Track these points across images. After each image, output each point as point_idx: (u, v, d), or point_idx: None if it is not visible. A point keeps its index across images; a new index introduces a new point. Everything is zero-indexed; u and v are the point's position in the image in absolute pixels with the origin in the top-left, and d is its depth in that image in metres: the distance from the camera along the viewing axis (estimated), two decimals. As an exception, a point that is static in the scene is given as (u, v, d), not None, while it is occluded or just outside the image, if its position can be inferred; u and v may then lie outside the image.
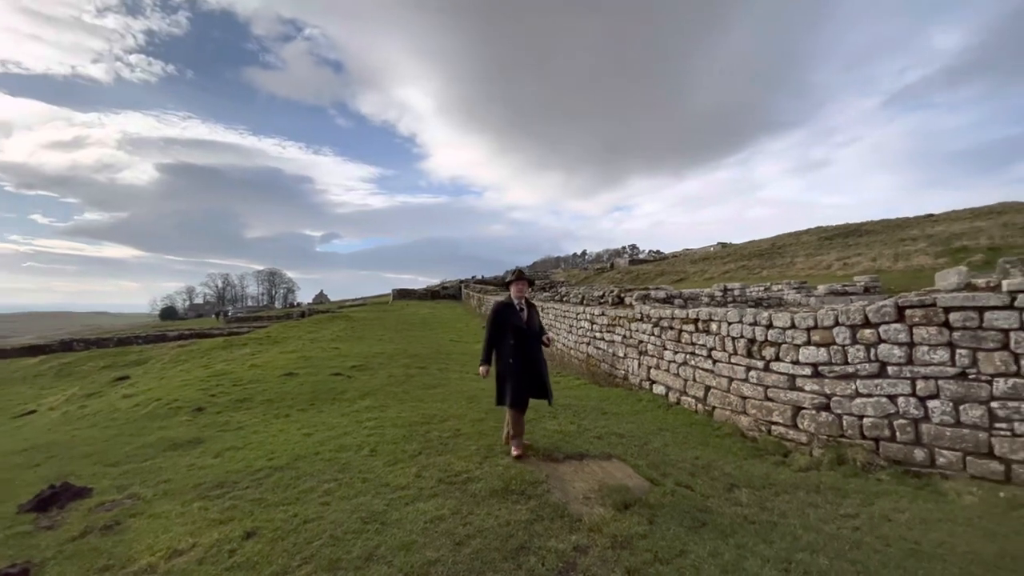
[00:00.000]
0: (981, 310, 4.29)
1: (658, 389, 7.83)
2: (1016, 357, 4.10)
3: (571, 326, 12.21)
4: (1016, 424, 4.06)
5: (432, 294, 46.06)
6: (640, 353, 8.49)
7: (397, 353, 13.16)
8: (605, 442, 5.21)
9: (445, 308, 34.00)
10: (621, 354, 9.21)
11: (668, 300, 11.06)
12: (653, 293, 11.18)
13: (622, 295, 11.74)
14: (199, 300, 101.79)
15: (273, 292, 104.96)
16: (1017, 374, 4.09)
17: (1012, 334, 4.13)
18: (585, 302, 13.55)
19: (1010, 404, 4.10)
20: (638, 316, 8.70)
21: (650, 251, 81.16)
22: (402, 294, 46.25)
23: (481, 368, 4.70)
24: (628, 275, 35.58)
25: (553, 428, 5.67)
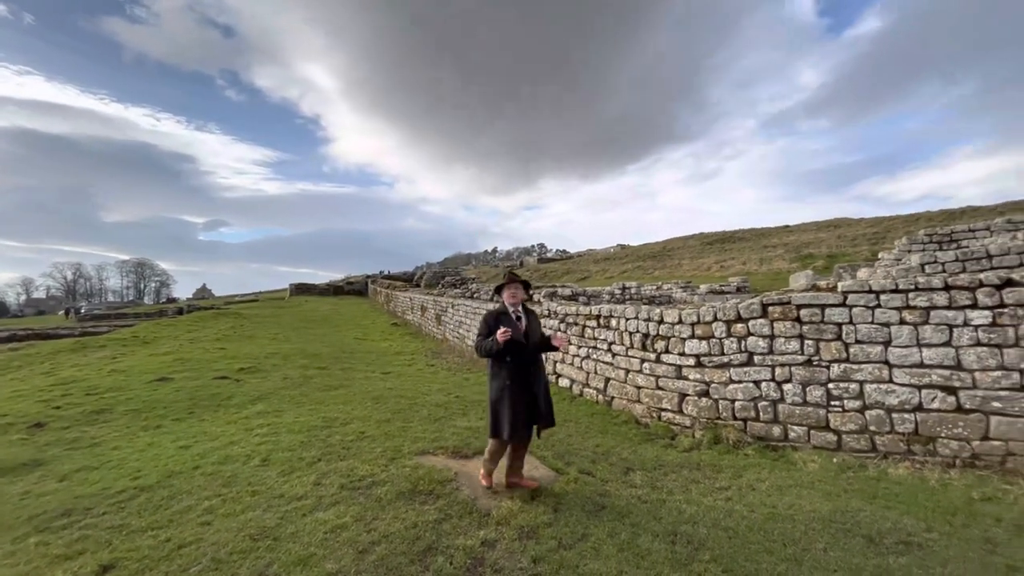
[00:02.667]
0: (823, 307, 5.12)
1: (563, 382, 8.19)
2: (846, 346, 4.97)
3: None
4: (846, 401, 4.92)
5: (335, 290, 43.42)
6: (547, 348, 8.81)
7: (294, 353, 12.19)
8: (513, 436, 5.32)
9: (350, 304, 32.27)
10: (529, 349, 9.48)
11: (573, 297, 11.62)
12: (560, 291, 11.65)
13: (531, 292, 12.11)
14: (40, 294, 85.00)
15: (142, 286, 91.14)
16: (847, 360, 4.96)
17: (844, 327, 5.00)
18: (495, 300, 13.70)
19: (842, 385, 4.95)
20: (545, 312, 9.01)
21: (557, 250, 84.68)
22: (301, 289, 42.96)
23: (500, 332, 3.58)
24: (537, 273, 36.78)
25: (463, 425, 5.66)
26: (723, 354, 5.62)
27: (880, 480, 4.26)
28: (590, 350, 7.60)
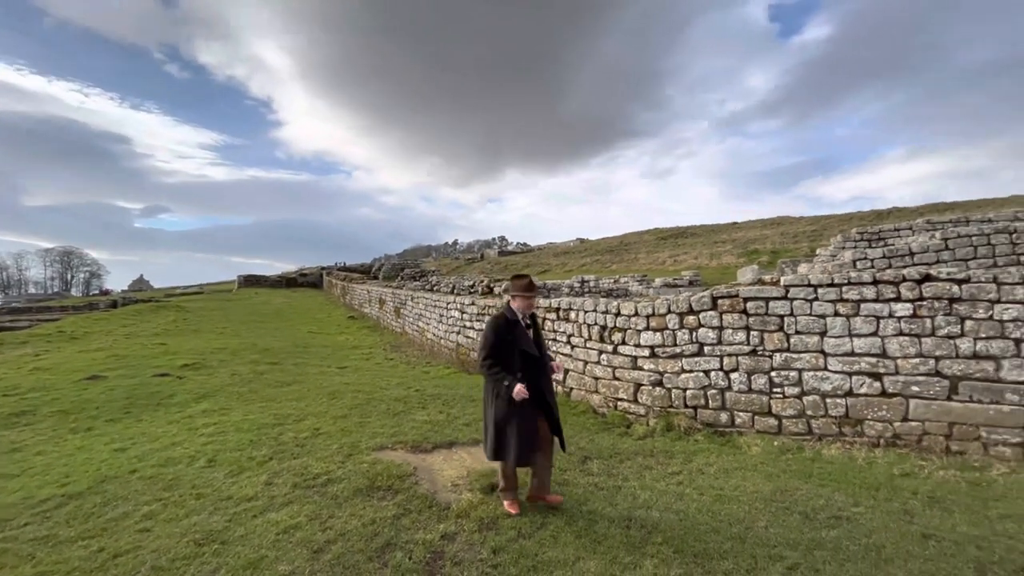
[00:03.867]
0: (767, 300, 5.42)
1: (523, 374, 8.27)
2: (787, 336, 5.30)
3: (441, 316, 12.18)
4: (786, 388, 5.26)
5: (288, 282, 41.68)
6: (508, 341, 8.85)
7: (243, 348, 11.64)
8: (474, 428, 5.33)
9: (304, 297, 31.09)
10: (490, 342, 9.49)
11: (534, 290, 11.73)
12: (520, 283, 11.74)
13: (492, 285, 12.09)
14: (-57, 286, 76.39)
15: (69, 276, 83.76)
16: (788, 350, 5.28)
17: (785, 318, 5.32)
18: (456, 292, 13.61)
19: (783, 373, 5.28)
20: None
21: (518, 243, 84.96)
22: (251, 281, 40.95)
23: (518, 387, 3.23)
24: (498, 266, 36.82)
25: (422, 419, 5.60)
26: (676, 345, 5.84)
27: (815, 460, 4.59)
28: (550, 342, 7.69)
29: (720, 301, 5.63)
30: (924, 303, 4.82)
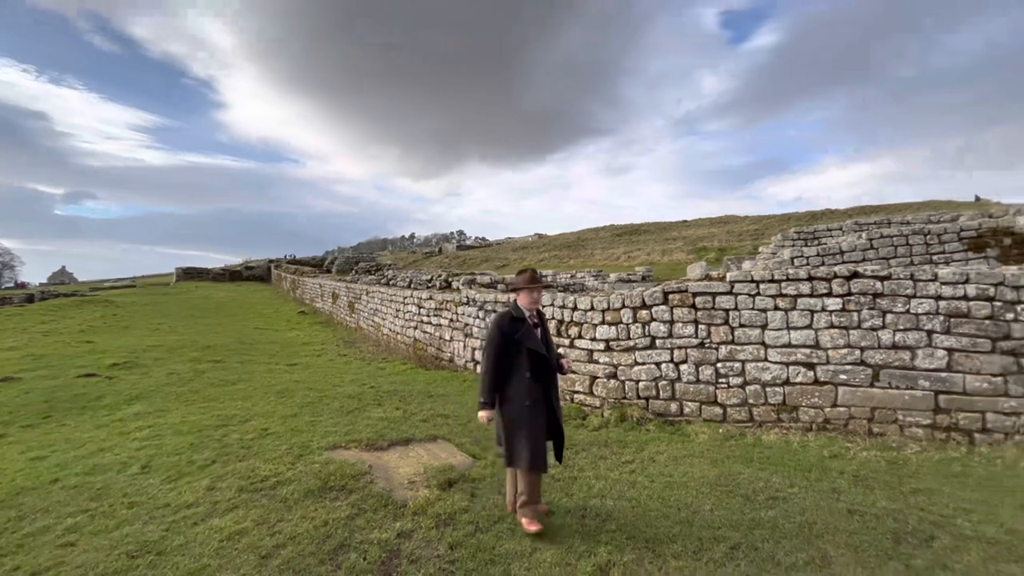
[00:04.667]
0: (714, 295, 5.69)
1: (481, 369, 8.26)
2: (732, 329, 5.59)
3: (398, 310, 11.94)
4: (731, 379, 5.55)
5: (233, 275, 39.46)
6: (466, 335, 8.82)
7: (182, 345, 10.92)
8: (431, 424, 5.28)
9: (250, 291, 29.56)
10: (448, 337, 9.42)
11: (492, 285, 11.71)
12: (479, 278, 11.68)
13: (449, 280, 11.98)
14: None
15: (-26, 268, 75.17)
16: (732, 342, 5.58)
17: (730, 313, 5.61)
18: (413, 286, 13.39)
19: (728, 364, 5.57)
20: (464, 300, 8.99)
21: (477, 237, 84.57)
22: (190, 274, 38.45)
23: (482, 413, 3.18)
24: (456, 260, 36.49)
25: (378, 416, 5.48)
26: (629, 338, 6.03)
27: (756, 446, 4.88)
28: (508, 337, 7.73)
29: (671, 296, 5.86)
30: (852, 298, 5.22)
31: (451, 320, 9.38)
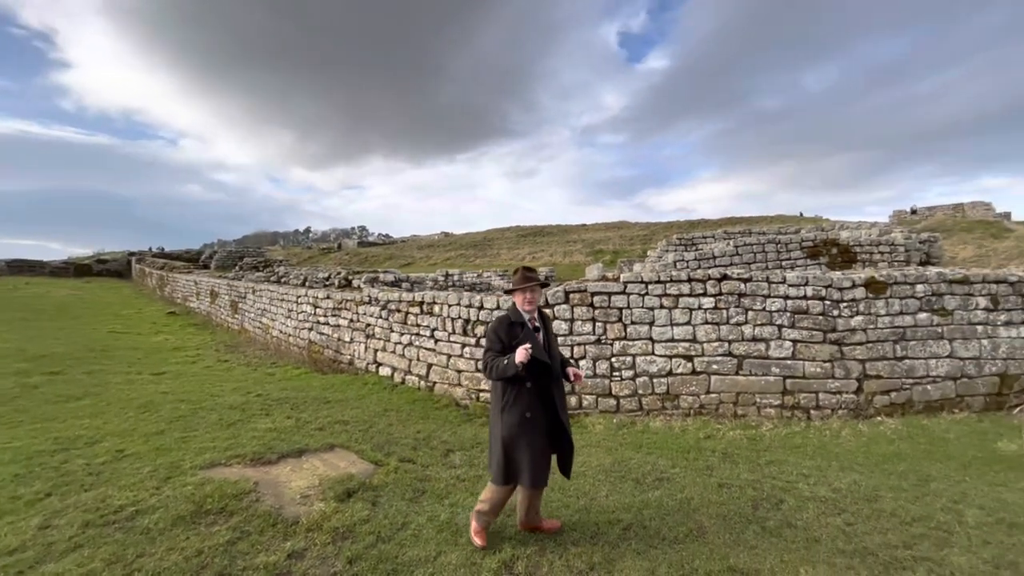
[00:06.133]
0: (610, 295, 6.12)
1: (384, 371, 7.95)
2: (625, 327, 6.05)
3: (291, 311, 11.01)
4: (623, 372, 6.01)
5: (80, 270, 33.22)
6: (367, 336, 8.41)
7: (4, 355, 8.94)
8: (328, 432, 4.94)
9: (103, 289, 25.17)
10: (347, 338, 8.91)
11: (396, 283, 11.33)
12: (382, 276, 11.22)
13: (350, 277, 11.34)
14: None
15: None
16: (625, 338, 6.04)
17: (623, 311, 6.07)
18: (308, 284, 12.46)
19: (621, 359, 6.02)
20: (366, 299, 8.57)
21: (380, 234, 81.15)
22: (17, 268, 31.57)
23: (520, 351, 2.74)
24: (357, 257, 34.63)
25: (265, 427, 4.99)
26: (534, 337, 6.23)
27: (644, 432, 5.34)
28: (413, 337, 7.53)
29: (572, 295, 6.17)
30: (722, 297, 5.95)
31: (351, 321, 8.88)
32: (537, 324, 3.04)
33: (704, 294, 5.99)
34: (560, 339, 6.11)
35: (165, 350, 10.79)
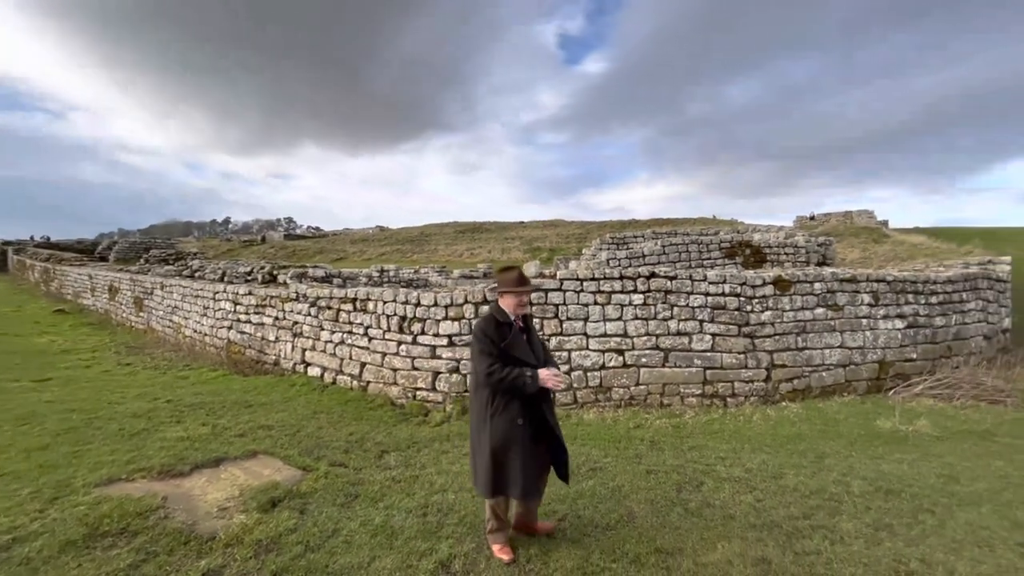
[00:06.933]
0: (547, 291, 6.24)
1: (313, 371, 7.55)
2: (561, 322, 6.21)
3: (207, 308, 10.12)
4: (560, 366, 6.15)
5: (-66, 260, 28.27)
6: (295, 335, 7.94)
7: None
8: (250, 438, 4.61)
9: (-33, 284, 21.63)
10: (272, 337, 8.35)
11: (327, 279, 10.78)
12: (311, 271, 10.64)
13: (275, 272, 10.64)
14: None
15: None
16: (561, 333, 6.20)
17: (560, 307, 6.22)
18: (228, 280, 11.52)
19: (557, 354, 6.17)
20: (294, 296, 8.08)
21: (309, 227, 76.75)
22: None
23: (542, 373, 2.69)
24: (283, 251, 32.49)
25: (176, 436, 4.55)
26: (471, 333, 6.21)
27: (579, 424, 5.52)
28: (345, 335, 7.22)
29: (510, 292, 6.22)
30: (651, 294, 6.28)
31: (277, 318, 8.33)
32: (521, 324, 2.91)
33: (635, 291, 6.29)
34: (498, 335, 6.14)
35: (51, 353, 9.49)
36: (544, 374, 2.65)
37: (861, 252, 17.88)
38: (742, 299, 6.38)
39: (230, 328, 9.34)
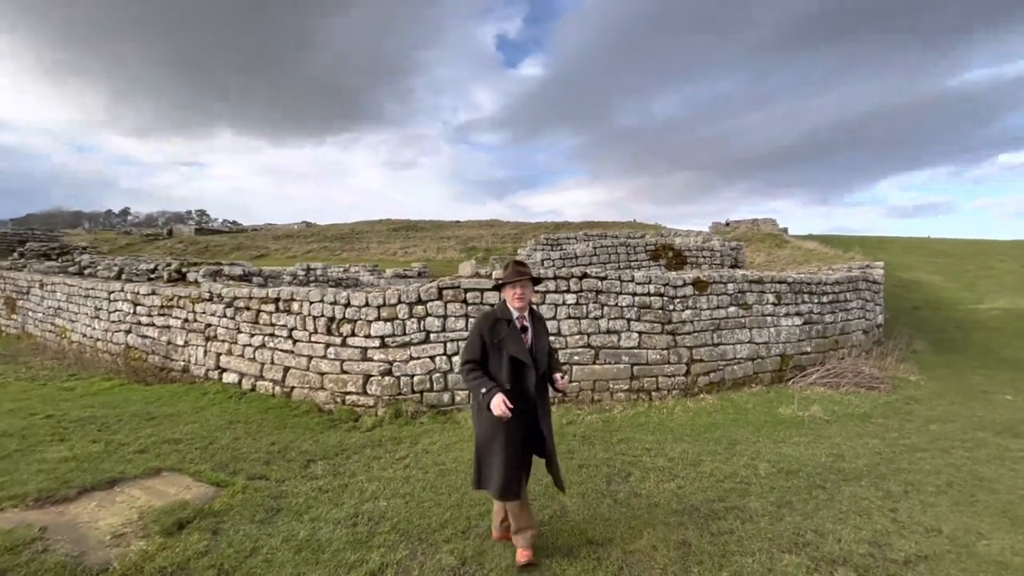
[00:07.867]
0: (482, 291, 6.23)
1: (229, 377, 6.95)
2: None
3: (99, 309, 8.97)
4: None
5: None
6: (208, 339, 7.26)
7: None
8: (152, 454, 4.15)
9: None
10: (180, 342, 7.57)
11: (246, 278, 9.99)
12: (227, 269, 9.82)
13: (184, 270, 9.68)
14: None
15: None
16: (497, 333, 6.23)
17: (473, 305, 6.24)
18: (126, 277, 10.32)
19: (493, 354, 6.19)
20: (206, 296, 7.39)
21: (225, 220, 70.61)
22: None
23: (495, 400, 2.56)
24: (194, 246, 29.58)
25: (59, 456, 3.99)
26: (405, 334, 6.05)
27: (514, 423, 5.56)
28: (266, 338, 6.72)
29: (445, 292, 6.14)
30: (583, 294, 6.49)
31: (186, 320, 7.57)
32: (526, 323, 2.83)
33: (568, 291, 6.47)
34: (434, 336, 6.04)
35: None
36: (494, 401, 2.57)
37: (766, 256, 19.78)
38: (665, 299, 6.79)
39: (129, 332, 8.34)
